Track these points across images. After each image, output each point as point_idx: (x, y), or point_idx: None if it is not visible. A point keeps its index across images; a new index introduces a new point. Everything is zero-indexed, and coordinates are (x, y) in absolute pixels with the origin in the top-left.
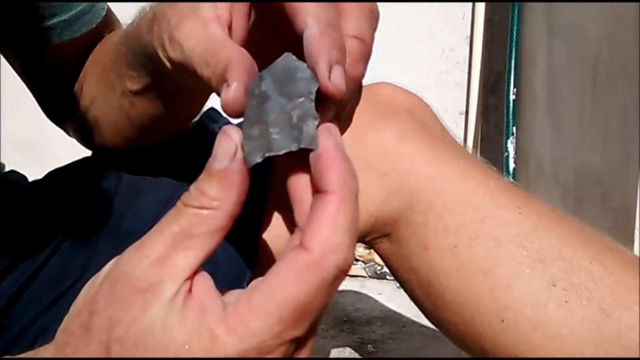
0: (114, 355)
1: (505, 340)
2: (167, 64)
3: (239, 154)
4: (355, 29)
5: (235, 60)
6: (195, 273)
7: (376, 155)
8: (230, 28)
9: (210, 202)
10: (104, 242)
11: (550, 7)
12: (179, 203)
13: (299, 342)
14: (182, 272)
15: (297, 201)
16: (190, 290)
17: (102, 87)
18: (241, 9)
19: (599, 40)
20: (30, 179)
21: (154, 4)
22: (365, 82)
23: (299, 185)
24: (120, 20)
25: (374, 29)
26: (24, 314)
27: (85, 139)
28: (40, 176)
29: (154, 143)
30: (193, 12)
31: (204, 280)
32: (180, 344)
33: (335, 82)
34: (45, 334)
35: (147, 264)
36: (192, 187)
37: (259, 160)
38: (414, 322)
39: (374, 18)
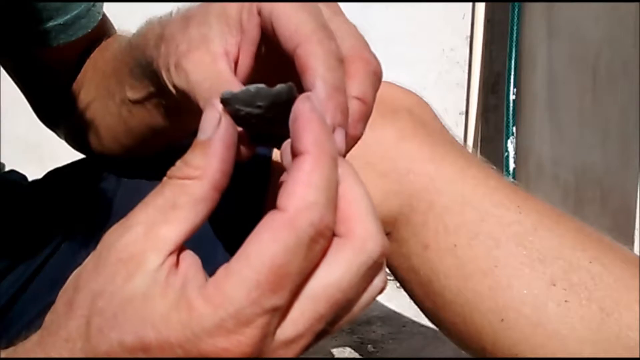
0: (93, 329)
1: (505, 340)
2: (170, 87)
3: (223, 122)
4: (358, 91)
5: None
6: (181, 250)
7: (376, 154)
8: (236, 64)
9: (192, 171)
10: None
11: (550, 7)
12: (164, 177)
13: (281, 314)
14: (166, 244)
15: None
16: (176, 265)
17: (100, 94)
18: (249, 47)
19: (599, 40)
20: (30, 179)
21: (163, 18)
22: None
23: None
24: (118, 24)
25: (377, 90)
26: (24, 314)
27: (78, 143)
28: (40, 176)
29: (150, 152)
30: (204, 43)
31: (191, 257)
32: (160, 316)
33: (337, 144)
34: None
35: (130, 235)
36: (178, 161)
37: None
38: (414, 322)
39: (378, 80)
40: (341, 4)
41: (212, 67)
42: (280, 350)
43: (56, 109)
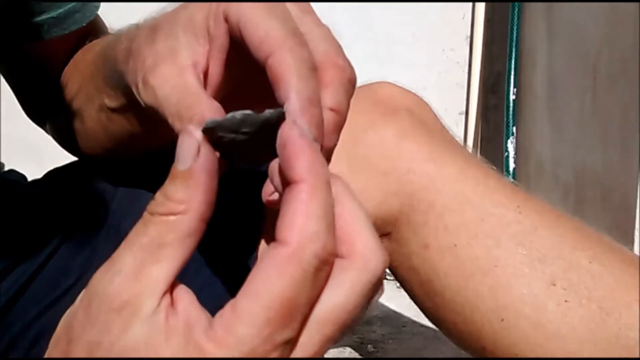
0: None
1: (505, 339)
2: (141, 102)
3: (203, 150)
4: (333, 101)
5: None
6: (174, 286)
7: (376, 154)
8: (206, 74)
9: (176, 206)
10: (104, 242)
11: (550, 7)
12: (145, 213)
13: (292, 344)
14: (159, 285)
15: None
16: (172, 304)
17: (81, 97)
18: (219, 55)
19: (599, 40)
20: (29, 179)
21: (131, 29)
22: (365, 81)
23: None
24: (115, 24)
25: (350, 97)
26: (23, 314)
27: (64, 142)
28: (39, 176)
29: (134, 155)
30: (170, 56)
31: (187, 295)
32: None
33: None
34: (45, 335)
35: (120, 280)
36: (158, 194)
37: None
38: (414, 322)
39: (352, 87)
40: (341, 4)
41: (178, 80)
42: None
43: (44, 105)
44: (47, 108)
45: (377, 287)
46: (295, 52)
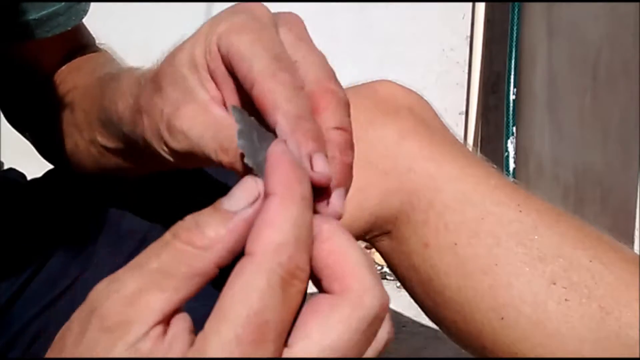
0: None
1: (505, 338)
2: (166, 154)
3: (258, 205)
4: (334, 121)
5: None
6: (173, 315)
7: (376, 153)
8: (225, 105)
9: (202, 239)
10: (104, 241)
11: (550, 7)
12: (167, 233)
13: None
14: (154, 314)
15: None
16: (164, 334)
17: (68, 120)
18: (228, 85)
19: (599, 40)
20: (29, 178)
21: (131, 87)
22: (365, 80)
23: None
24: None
25: (349, 117)
26: (23, 314)
27: (44, 153)
28: (39, 175)
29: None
30: (189, 97)
31: (181, 323)
32: None
33: (320, 170)
34: (44, 334)
35: (117, 300)
36: (189, 217)
37: None
38: (414, 322)
39: (347, 107)
40: (341, 4)
41: (208, 116)
42: None
43: (26, 113)
44: (29, 116)
45: (375, 326)
46: (277, 76)
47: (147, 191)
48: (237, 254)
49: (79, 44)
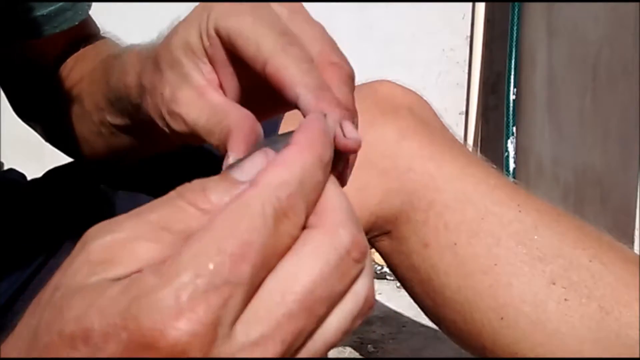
0: (42, 323)
1: (505, 338)
2: (168, 132)
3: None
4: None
5: (234, 130)
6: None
7: (376, 152)
8: (222, 88)
9: (204, 202)
10: None
11: (550, 7)
12: (173, 191)
13: (240, 304)
14: (137, 261)
15: None
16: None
17: (76, 108)
18: (225, 69)
19: (599, 40)
20: (29, 178)
21: (135, 62)
22: (365, 80)
23: None
24: (108, 25)
25: (353, 92)
26: (23, 313)
27: (56, 143)
28: (39, 175)
29: (132, 162)
30: (185, 81)
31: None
32: (108, 300)
33: (351, 136)
34: None
35: (109, 240)
36: (197, 181)
37: None
38: (414, 322)
39: (352, 82)
40: (341, 4)
41: (202, 101)
42: (243, 352)
43: (34, 104)
44: (37, 107)
45: (348, 265)
46: (288, 51)
47: (152, 190)
48: (234, 230)
49: (85, 34)
